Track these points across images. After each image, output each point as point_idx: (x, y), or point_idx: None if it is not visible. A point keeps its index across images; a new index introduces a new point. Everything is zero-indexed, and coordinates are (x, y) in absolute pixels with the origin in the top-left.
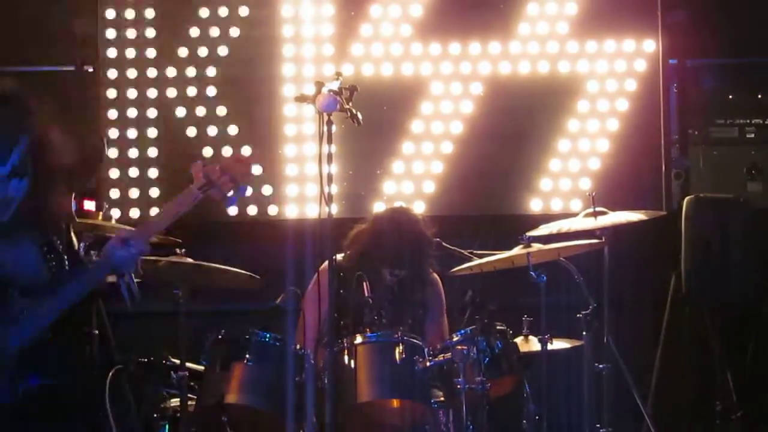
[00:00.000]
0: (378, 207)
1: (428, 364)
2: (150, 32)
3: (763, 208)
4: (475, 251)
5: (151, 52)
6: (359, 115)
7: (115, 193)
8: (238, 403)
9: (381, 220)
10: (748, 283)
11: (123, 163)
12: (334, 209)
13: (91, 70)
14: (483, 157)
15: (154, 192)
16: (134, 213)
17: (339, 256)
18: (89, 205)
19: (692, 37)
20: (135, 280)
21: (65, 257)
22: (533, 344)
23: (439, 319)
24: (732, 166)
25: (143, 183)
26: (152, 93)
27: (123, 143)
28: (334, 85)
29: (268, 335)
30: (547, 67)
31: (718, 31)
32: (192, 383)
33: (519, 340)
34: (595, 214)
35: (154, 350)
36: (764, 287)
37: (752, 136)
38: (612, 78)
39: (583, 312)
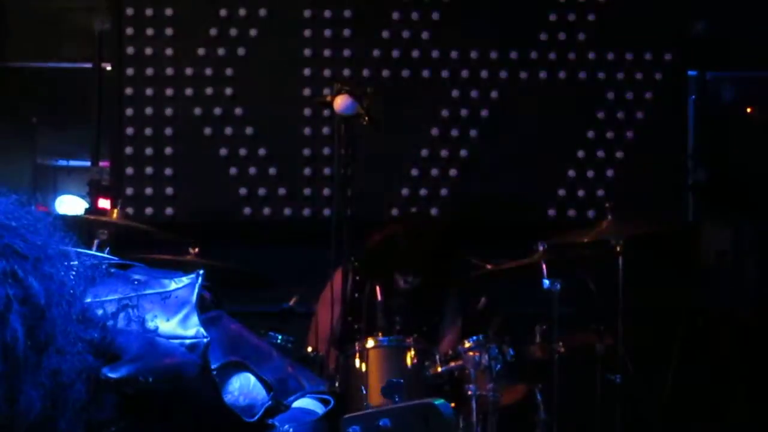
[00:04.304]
0: (393, 211)
1: (439, 369)
2: (169, 31)
3: None
4: (488, 258)
5: (169, 51)
6: (376, 118)
7: (130, 191)
8: None
9: (396, 226)
10: (762, 294)
11: (139, 160)
12: (349, 212)
13: (109, 67)
14: (499, 163)
15: (169, 190)
16: (149, 211)
17: (354, 260)
18: (104, 202)
19: (712, 48)
20: None
21: None
22: (546, 352)
23: (453, 327)
24: (748, 179)
25: (159, 181)
26: (169, 91)
27: (139, 141)
28: (353, 88)
29: (280, 337)
30: (566, 75)
31: (739, 44)
32: None
33: (532, 348)
34: (611, 224)
35: None
36: None
37: None
38: (630, 88)
39: (597, 321)
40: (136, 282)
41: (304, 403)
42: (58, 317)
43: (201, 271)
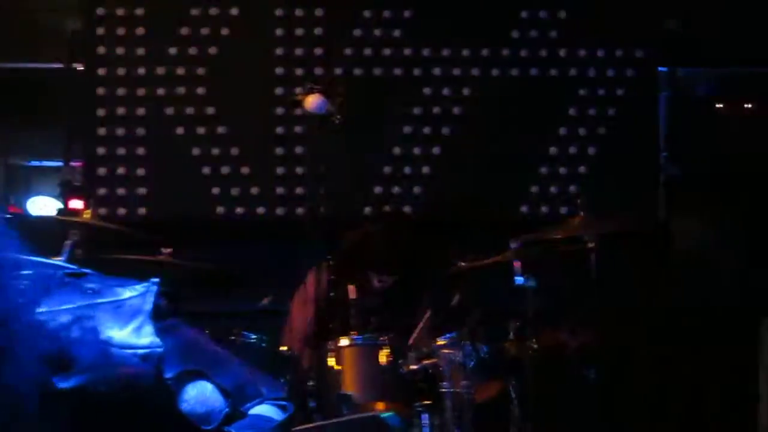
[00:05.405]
0: (366, 209)
1: (413, 367)
2: (140, 30)
3: (751, 215)
4: (462, 255)
5: (141, 51)
6: (349, 117)
7: (102, 191)
8: None
9: (371, 226)
10: (736, 290)
11: (111, 161)
12: (323, 211)
13: (81, 67)
14: (472, 161)
15: (142, 190)
16: (121, 211)
17: (330, 259)
18: (76, 203)
19: (683, 45)
20: None
21: None
22: (519, 349)
23: (428, 325)
24: (721, 174)
25: (131, 181)
26: (141, 91)
27: (111, 141)
28: (325, 87)
29: (254, 336)
30: (538, 72)
31: (709, 41)
32: None
33: (505, 344)
34: (583, 220)
35: None
36: (752, 296)
37: (742, 144)
38: (602, 84)
39: (570, 318)
40: (89, 291)
41: (262, 409)
42: (10, 330)
43: (155, 279)
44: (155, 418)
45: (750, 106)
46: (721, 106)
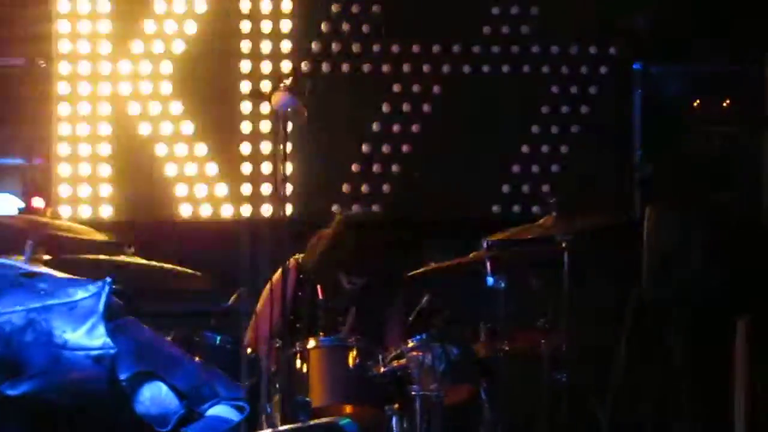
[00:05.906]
0: (334, 207)
1: (382, 369)
2: (104, 26)
3: (726, 215)
4: (432, 255)
5: (105, 47)
6: (316, 114)
7: (65, 191)
8: None
9: (341, 226)
10: (710, 290)
11: (74, 159)
12: (290, 209)
13: (43, 64)
14: (442, 159)
15: (105, 190)
16: (85, 211)
17: (298, 258)
18: (38, 202)
19: (657, 42)
20: None
21: None
22: (490, 351)
23: (398, 328)
24: (696, 173)
25: (94, 180)
26: (106, 88)
27: (74, 139)
28: (292, 83)
29: (219, 337)
30: (509, 69)
31: (685, 38)
32: None
33: (476, 346)
34: (556, 220)
35: None
36: (726, 295)
37: (717, 143)
38: (575, 82)
39: (542, 319)
40: (41, 292)
41: (219, 410)
42: None
43: (108, 280)
44: (110, 421)
45: (726, 104)
46: (697, 103)
